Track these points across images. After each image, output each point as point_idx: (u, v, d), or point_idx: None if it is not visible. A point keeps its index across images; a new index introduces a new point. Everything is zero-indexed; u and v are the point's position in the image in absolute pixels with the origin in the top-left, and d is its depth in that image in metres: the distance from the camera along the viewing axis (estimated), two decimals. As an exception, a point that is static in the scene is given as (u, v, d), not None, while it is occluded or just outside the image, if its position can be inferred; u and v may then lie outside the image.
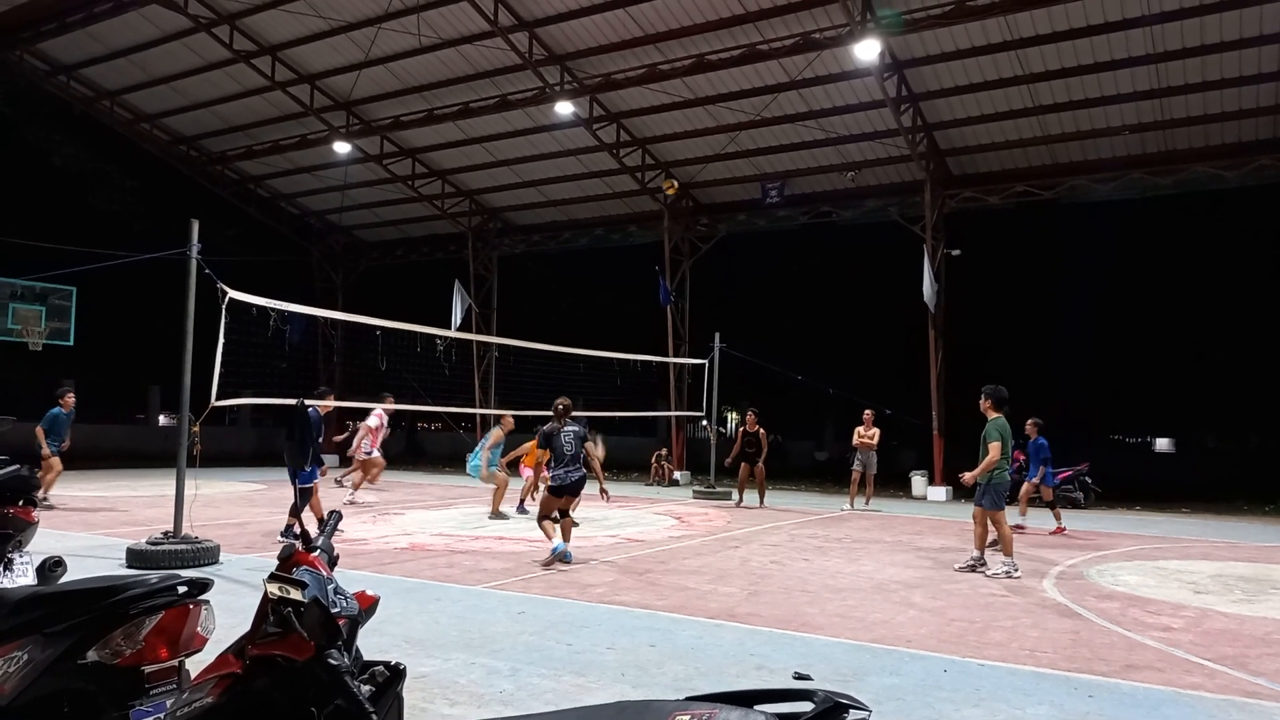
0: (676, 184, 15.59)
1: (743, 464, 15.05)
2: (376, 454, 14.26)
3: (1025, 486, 12.32)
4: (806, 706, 1.55)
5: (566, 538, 8.56)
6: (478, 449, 13.17)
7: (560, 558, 8.30)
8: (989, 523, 8.57)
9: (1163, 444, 42.27)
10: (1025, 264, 32.85)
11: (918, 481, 18.74)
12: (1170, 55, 15.05)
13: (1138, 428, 42.43)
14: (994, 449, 8.20)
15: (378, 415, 14.10)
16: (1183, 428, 40.15)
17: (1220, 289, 32.13)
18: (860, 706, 1.54)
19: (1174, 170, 17.53)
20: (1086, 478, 16.68)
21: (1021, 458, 12.73)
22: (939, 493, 17.85)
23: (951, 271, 19.42)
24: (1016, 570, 8.21)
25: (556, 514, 8.57)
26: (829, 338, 33.43)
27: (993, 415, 8.45)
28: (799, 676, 4.72)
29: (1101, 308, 33.95)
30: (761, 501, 15.31)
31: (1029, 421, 12.18)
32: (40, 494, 11.95)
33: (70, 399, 12.71)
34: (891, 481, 19.48)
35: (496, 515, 12.16)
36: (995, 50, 15.68)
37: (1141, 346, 33.91)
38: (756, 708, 1.58)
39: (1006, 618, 6.45)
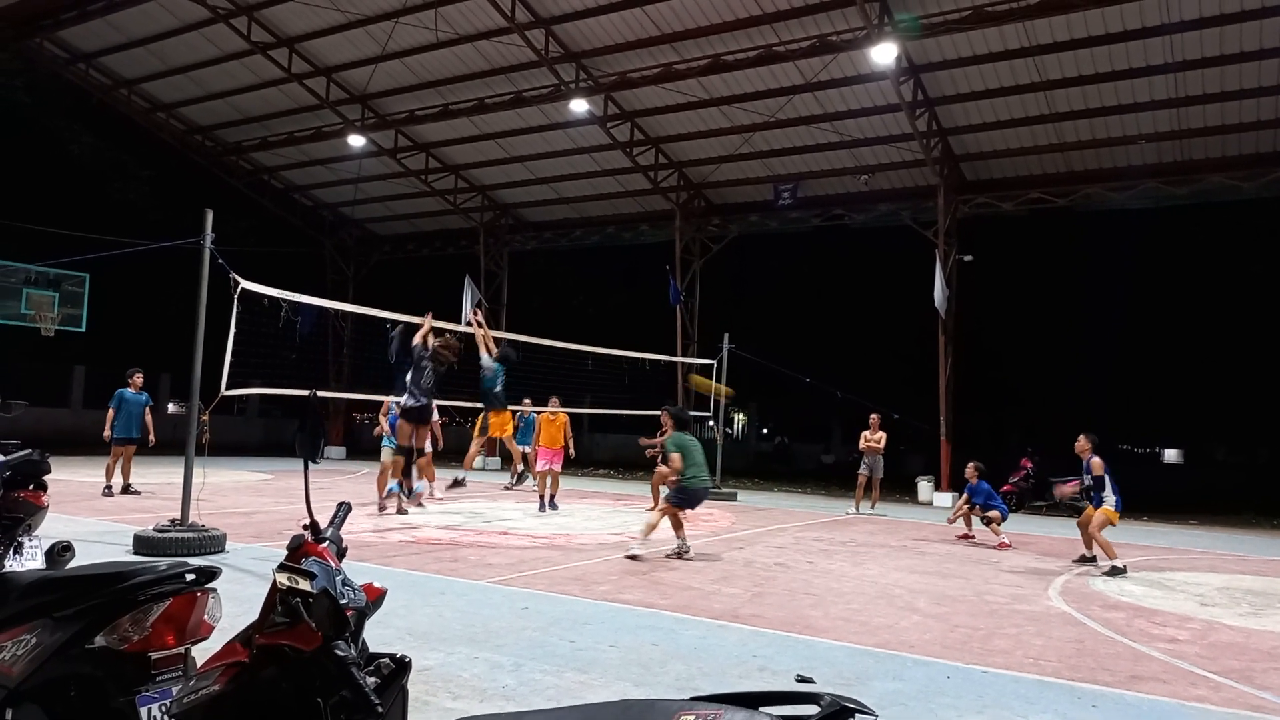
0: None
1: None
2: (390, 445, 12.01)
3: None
4: (812, 709, 1.53)
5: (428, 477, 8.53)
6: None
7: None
8: (674, 514, 9.04)
9: (1171, 455, 42.03)
10: (1038, 271, 32.79)
11: (924, 487, 18.69)
12: (1189, 65, 14.97)
13: (1147, 438, 42.24)
14: (675, 459, 8.98)
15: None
16: (1192, 439, 39.96)
17: (1234, 301, 31.98)
18: (867, 711, 1.52)
19: (1190, 180, 17.44)
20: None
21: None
22: (945, 498, 17.80)
23: (963, 277, 19.38)
24: (639, 556, 8.59)
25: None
26: (838, 341, 33.43)
27: (672, 432, 9.50)
28: (801, 679, 4.71)
29: (1114, 317, 33.82)
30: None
31: (970, 465, 11.45)
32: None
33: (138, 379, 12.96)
34: (898, 486, 19.42)
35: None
36: (1013, 56, 15.62)
37: (1153, 356, 33.78)
38: (762, 709, 1.57)
39: (1011, 625, 6.43)
